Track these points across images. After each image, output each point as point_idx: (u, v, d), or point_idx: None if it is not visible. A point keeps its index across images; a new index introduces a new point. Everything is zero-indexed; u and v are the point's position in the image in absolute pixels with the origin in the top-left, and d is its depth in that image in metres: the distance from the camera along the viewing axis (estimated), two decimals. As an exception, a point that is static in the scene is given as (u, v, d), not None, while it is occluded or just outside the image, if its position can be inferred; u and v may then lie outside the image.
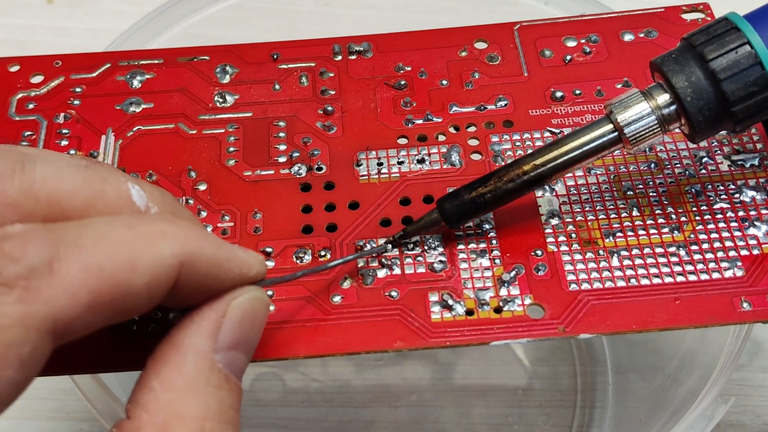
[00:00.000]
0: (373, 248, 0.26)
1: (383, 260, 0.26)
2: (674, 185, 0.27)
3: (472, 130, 0.29)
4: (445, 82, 0.31)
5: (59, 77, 0.31)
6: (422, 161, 0.29)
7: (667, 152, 0.28)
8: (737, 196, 0.27)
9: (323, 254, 0.26)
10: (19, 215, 0.19)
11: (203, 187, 0.28)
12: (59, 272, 0.18)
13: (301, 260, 0.26)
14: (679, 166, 0.28)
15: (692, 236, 0.26)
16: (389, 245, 0.26)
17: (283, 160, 0.29)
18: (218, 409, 0.20)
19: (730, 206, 0.27)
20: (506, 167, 0.25)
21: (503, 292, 0.25)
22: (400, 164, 0.28)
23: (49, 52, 0.32)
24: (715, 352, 0.29)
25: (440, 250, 0.26)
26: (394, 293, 0.25)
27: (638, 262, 0.26)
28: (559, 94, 0.30)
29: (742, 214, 0.27)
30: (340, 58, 0.32)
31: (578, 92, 0.30)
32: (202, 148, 0.29)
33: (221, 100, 0.30)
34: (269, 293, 0.25)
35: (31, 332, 0.17)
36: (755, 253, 0.26)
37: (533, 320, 0.25)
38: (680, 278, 0.25)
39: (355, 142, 0.29)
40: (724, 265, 0.25)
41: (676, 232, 0.26)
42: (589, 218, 0.27)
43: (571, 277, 0.25)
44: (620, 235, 0.26)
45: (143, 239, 0.19)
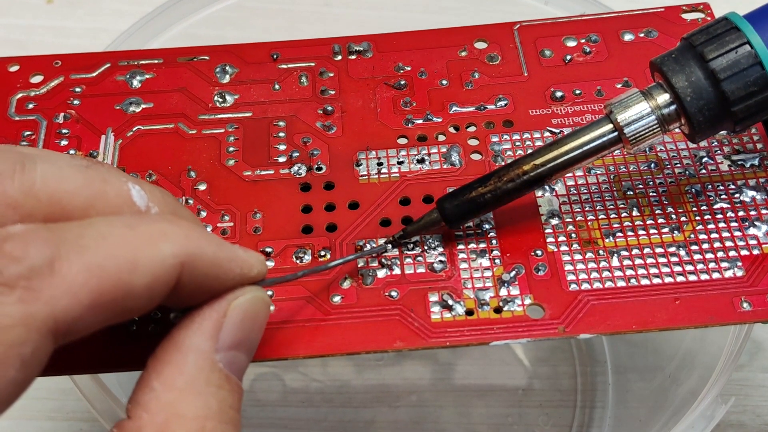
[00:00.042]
0: (373, 248, 0.26)
1: (383, 260, 0.26)
2: (674, 185, 0.27)
3: (472, 130, 0.29)
4: (445, 82, 0.31)
5: (59, 77, 0.31)
6: (422, 161, 0.28)
7: (667, 152, 0.28)
8: (737, 196, 0.27)
9: (323, 254, 0.26)
10: (20, 215, 0.19)
11: (203, 187, 0.28)
12: (60, 272, 0.18)
13: (300, 260, 0.26)
14: (679, 166, 0.28)
15: (692, 236, 0.26)
16: (389, 245, 0.26)
17: (282, 160, 0.29)
18: (219, 408, 0.20)
19: (730, 206, 0.27)
20: (506, 167, 0.25)
21: (503, 292, 0.25)
22: (399, 164, 0.28)
23: (48, 51, 0.32)
24: (715, 352, 0.29)
25: (440, 250, 0.26)
26: (394, 293, 0.25)
27: (638, 262, 0.26)
28: (559, 93, 0.30)
29: (742, 214, 0.27)
30: (339, 57, 0.32)
31: (578, 92, 0.30)
32: (201, 148, 0.29)
33: (221, 100, 0.30)
34: (269, 293, 0.25)
35: (32, 332, 0.17)
36: (755, 253, 0.26)
37: (533, 320, 0.25)
38: (680, 278, 0.25)
39: (354, 142, 0.29)
40: (724, 265, 0.25)
41: (676, 232, 0.26)
42: (589, 218, 0.27)
43: (571, 277, 0.25)
44: (620, 235, 0.26)
45: (144, 239, 0.19)
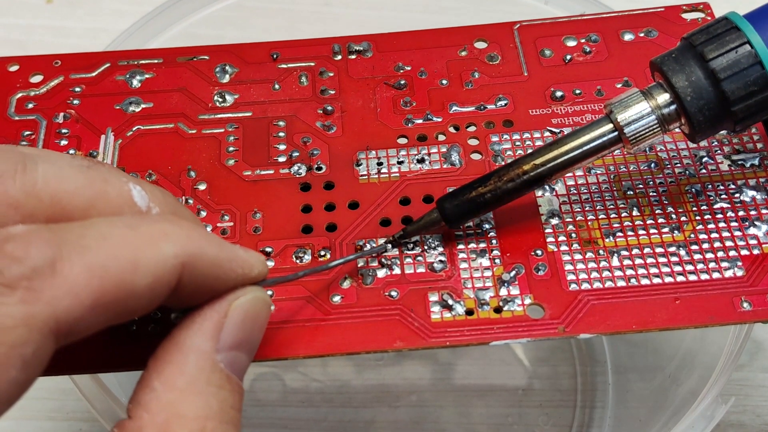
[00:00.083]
0: (373, 248, 0.26)
1: (383, 260, 0.26)
2: (674, 185, 0.27)
3: (472, 129, 0.29)
4: (444, 81, 0.31)
5: (59, 77, 0.31)
6: (422, 161, 0.28)
7: (667, 152, 0.28)
8: (737, 195, 0.27)
9: (323, 254, 0.26)
10: (21, 216, 0.19)
11: (203, 186, 0.28)
12: (62, 273, 0.18)
13: (300, 260, 0.26)
14: (679, 165, 0.28)
15: (692, 236, 0.26)
16: (389, 245, 0.26)
17: (282, 159, 0.29)
18: (220, 408, 0.20)
19: (730, 206, 0.27)
20: (506, 167, 0.25)
21: (503, 292, 0.25)
22: (399, 164, 0.28)
23: (48, 51, 0.32)
24: (715, 352, 0.29)
25: (440, 249, 0.26)
26: (393, 293, 0.25)
27: (638, 261, 0.26)
28: (559, 93, 0.30)
29: (742, 213, 0.27)
30: (339, 57, 0.32)
31: (578, 92, 0.30)
32: (201, 147, 0.29)
33: (221, 99, 0.30)
34: (269, 293, 0.25)
35: (33, 333, 0.17)
36: (755, 252, 0.26)
37: (533, 320, 0.25)
38: (680, 278, 0.25)
39: (354, 141, 0.29)
40: (724, 264, 0.25)
41: (676, 231, 0.26)
42: (589, 218, 0.27)
43: (571, 276, 0.25)
44: (620, 234, 0.26)
45: (145, 240, 0.19)
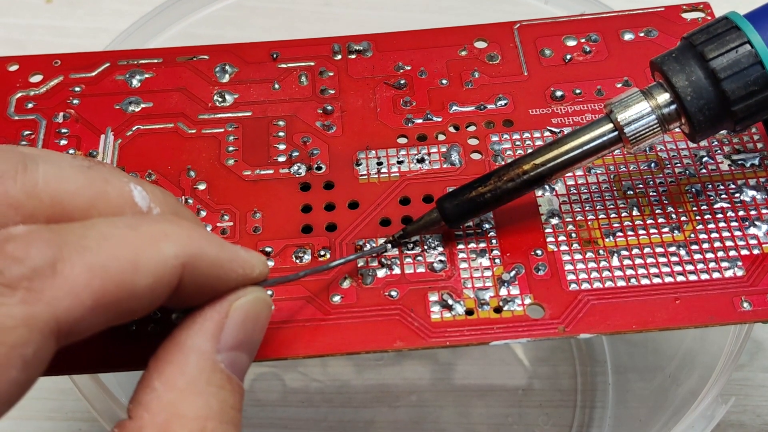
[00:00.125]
0: (372, 248, 0.26)
1: (383, 260, 0.26)
2: (674, 185, 0.27)
3: (471, 129, 0.29)
4: (444, 81, 0.31)
5: (58, 77, 0.31)
6: (422, 161, 0.28)
7: (667, 152, 0.28)
8: (737, 195, 0.27)
9: (323, 254, 0.26)
10: (21, 216, 0.19)
11: (202, 186, 0.28)
12: (62, 273, 0.18)
13: (300, 260, 0.26)
14: (679, 165, 0.28)
15: (692, 236, 0.26)
16: (389, 245, 0.26)
17: (282, 159, 0.29)
18: (220, 409, 0.20)
19: (730, 206, 0.27)
20: (506, 167, 0.25)
21: (503, 291, 0.25)
22: (399, 164, 0.28)
23: (48, 51, 0.32)
24: (715, 352, 0.29)
25: (440, 249, 0.26)
26: (393, 293, 0.25)
27: (638, 261, 0.26)
28: (559, 93, 0.30)
29: (742, 213, 0.27)
30: (339, 57, 0.32)
31: (578, 91, 0.30)
32: (201, 147, 0.29)
33: (221, 99, 0.30)
34: (269, 293, 0.25)
35: (34, 333, 0.17)
36: (755, 252, 0.26)
37: (533, 320, 0.25)
38: (680, 278, 0.25)
39: (354, 141, 0.29)
40: (724, 264, 0.25)
41: (676, 231, 0.26)
42: (589, 218, 0.27)
43: (571, 276, 0.25)
44: (620, 234, 0.26)
45: (146, 240, 0.19)
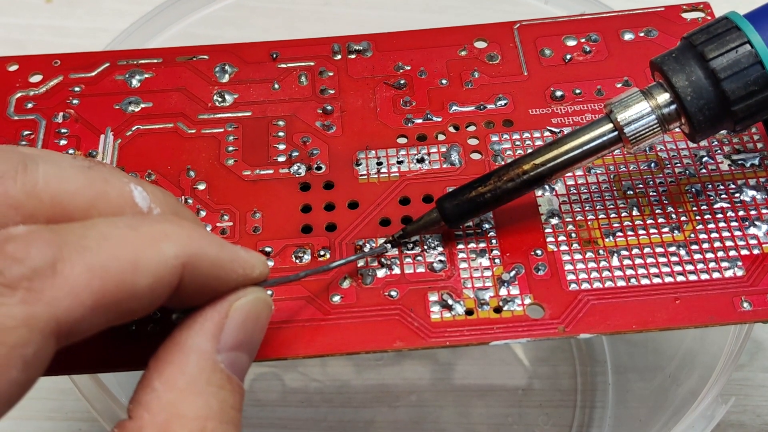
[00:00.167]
0: (372, 249, 0.26)
1: (383, 260, 0.26)
2: (674, 185, 0.27)
3: (471, 129, 0.29)
4: (444, 81, 0.31)
5: (58, 76, 0.31)
6: (422, 161, 0.28)
7: (667, 151, 0.28)
8: (737, 195, 0.27)
9: (323, 254, 0.26)
10: (22, 216, 0.19)
11: (202, 186, 0.28)
12: (62, 273, 0.18)
13: (300, 260, 0.26)
14: (679, 165, 0.28)
15: (692, 236, 0.26)
16: (389, 245, 0.26)
17: (282, 159, 0.29)
18: (220, 409, 0.20)
19: (730, 206, 0.27)
20: (506, 167, 0.25)
21: (503, 291, 0.25)
22: (399, 164, 0.28)
23: (48, 51, 0.32)
24: (715, 351, 0.29)
25: (440, 249, 0.26)
26: (393, 293, 0.25)
27: (638, 261, 0.26)
28: (559, 93, 0.30)
29: (742, 213, 0.26)
30: (339, 57, 0.31)
31: (578, 91, 0.30)
32: (201, 147, 0.29)
33: (220, 99, 0.30)
34: (269, 293, 0.25)
35: (34, 333, 0.17)
36: (755, 252, 0.26)
37: (533, 320, 0.25)
38: (680, 278, 0.25)
39: (354, 141, 0.29)
40: (724, 264, 0.25)
41: (676, 231, 0.26)
42: (589, 218, 0.27)
43: (571, 276, 0.25)
44: (620, 234, 0.26)
45: (146, 240, 0.19)
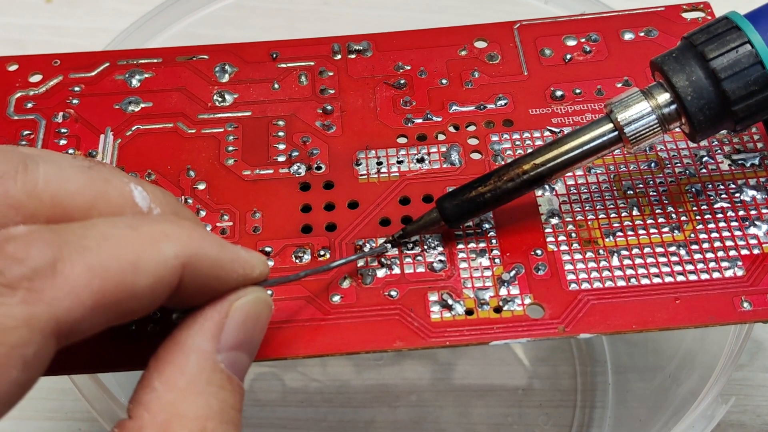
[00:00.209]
0: (372, 249, 0.26)
1: (382, 260, 0.26)
2: (674, 184, 0.27)
3: (471, 129, 0.29)
4: (444, 81, 0.31)
5: (58, 76, 0.31)
6: (422, 160, 0.28)
7: (667, 151, 0.28)
8: (738, 195, 0.27)
9: (323, 254, 0.26)
10: (22, 216, 0.19)
11: (202, 186, 0.28)
12: (63, 273, 0.18)
13: (300, 260, 0.26)
14: (679, 165, 0.28)
15: (692, 236, 0.26)
16: (389, 245, 0.26)
17: (282, 159, 0.29)
18: (220, 409, 0.20)
19: (730, 205, 0.27)
20: (506, 166, 0.25)
21: (503, 291, 0.25)
22: (399, 163, 0.28)
23: (47, 51, 0.32)
24: (715, 351, 0.29)
25: (440, 249, 0.26)
26: (393, 293, 0.25)
27: (638, 261, 0.26)
28: (559, 93, 0.30)
29: (742, 213, 0.26)
30: (339, 57, 0.31)
31: (578, 91, 0.30)
32: (201, 147, 0.29)
33: (220, 99, 0.30)
34: (269, 293, 0.25)
35: (35, 333, 0.17)
36: (756, 252, 0.26)
37: (533, 320, 0.25)
38: (680, 278, 0.25)
39: (354, 141, 0.29)
40: (724, 264, 0.25)
41: (676, 231, 0.26)
42: (589, 218, 0.27)
43: (571, 276, 0.25)
44: (620, 234, 0.26)
45: (146, 240, 0.19)
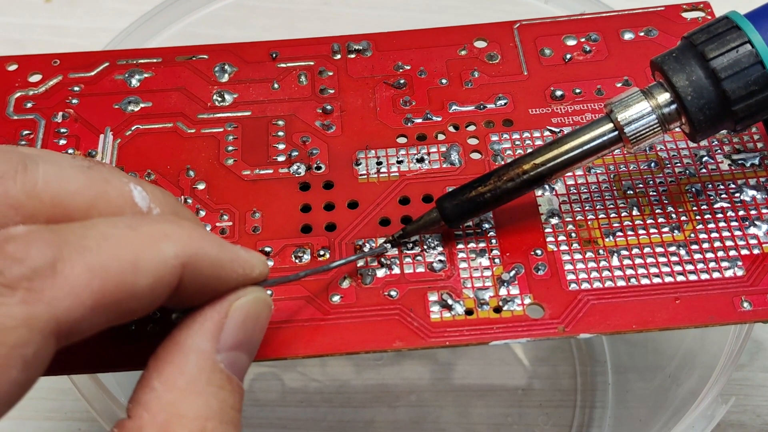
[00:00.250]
0: (372, 248, 0.26)
1: (382, 260, 0.26)
2: (674, 184, 0.27)
3: (471, 129, 0.29)
4: (444, 81, 0.31)
5: (57, 76, 0.31)
6: (422, 160, 0.28)
7: (667, 151, 0.28)
8: (737, 195, 0.27)
9: (322, 254, 0.26)
10: (22, 216, 0.19)
11: (202, 186, 0.28)
12: (62, 273, 0.18)
13: (300, 260, 0.26)
14: (679, 165, 0.28)
15: (692, 235, 0.26)
16: (388, 245, 0.26)
17: (281, 159, 0.29)
18: (220, 409, 0.20)
19: (730, 205, 0.27)
20: (506, 166, 0.25)
21: (503, 291, 0.25)
22: (399, 163, 0.28)
23: (47, 50, 0.32)
24: (715, 351, 0.29)
25: (439, 249, 0.26)
26: (393, 293, 0.25)
27: (638, 261, 0.26)
28: (559, 93, 0.30)
29: (742, 213, 0.26)
30: (339, 56, 0.31)
31: (578, 91, 0.30)
32: (200, 147, 0.29)
33: (220, 99, 0.30)
34: (268, 293, 0.25)
35: (34, 333, 0.17)
36: (756, 252, 0.26)
37: (533, 320, 0.25)
38: (680, 278, 0.25)
39: (354, 141, 0.29)
40: (724, 264, 0.25)
41: (676, 231, 0.26)
42: (589, 218, 0.27)
43: (570, 276, 0.25)
44: (620, 234, 0.26)
45: (146, 240, 0.19)
